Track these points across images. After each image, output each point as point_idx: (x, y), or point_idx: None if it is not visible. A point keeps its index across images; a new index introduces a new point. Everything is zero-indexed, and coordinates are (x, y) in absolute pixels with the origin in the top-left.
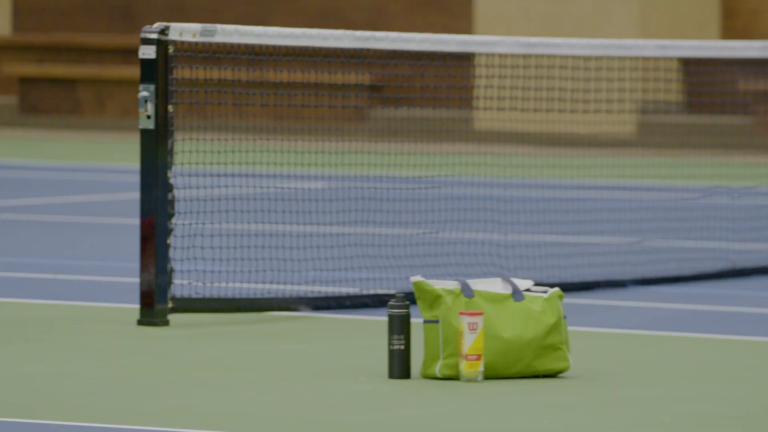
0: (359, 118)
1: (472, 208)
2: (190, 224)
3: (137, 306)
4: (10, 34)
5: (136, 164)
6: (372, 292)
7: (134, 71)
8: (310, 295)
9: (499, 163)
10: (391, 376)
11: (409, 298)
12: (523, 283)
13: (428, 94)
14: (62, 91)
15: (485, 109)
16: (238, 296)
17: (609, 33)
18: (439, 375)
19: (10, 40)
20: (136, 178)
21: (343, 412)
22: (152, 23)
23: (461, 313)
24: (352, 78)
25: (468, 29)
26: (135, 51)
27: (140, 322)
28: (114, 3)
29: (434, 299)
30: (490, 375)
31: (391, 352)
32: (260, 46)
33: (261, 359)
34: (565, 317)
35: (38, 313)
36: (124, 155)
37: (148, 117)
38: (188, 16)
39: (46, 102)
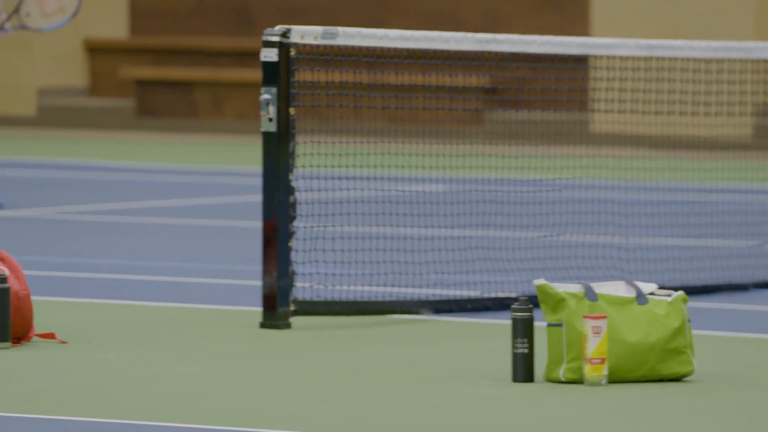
0: (476, 121)
1: (593, 211)
2: (312, 227)
3: (259, 309)
4: (127, 38)
5: (252, 167)
6: (493, 295)
7: (251, 74)
8: (431, 298)
9: (618, 166)
10: (515, 379)
11: (532, 302)
12: (646, 287)
13: (545, 96)
14: (179, 94)
15: (605, 111)
16: (359, 299)
17: (724, 33)
18: (562, 379)
19: (128, 43)
20: (253, 181)
21: (466, 417)
22: (268, 26)
23: (585, 317)
24: (473, 81)
25: (584, 31)
26: (252, 54)
27: (263, 325)
28: (231, 6)
29: (557, 302)
30: (614, 379)
31: (514, 356)
32: (380, 49)
33: (382, 362)
34: (689, 321)
35: (160, 315)
36: (240, 158)
37: (270, 120)
38: (304, 19)
39: (163, 105)
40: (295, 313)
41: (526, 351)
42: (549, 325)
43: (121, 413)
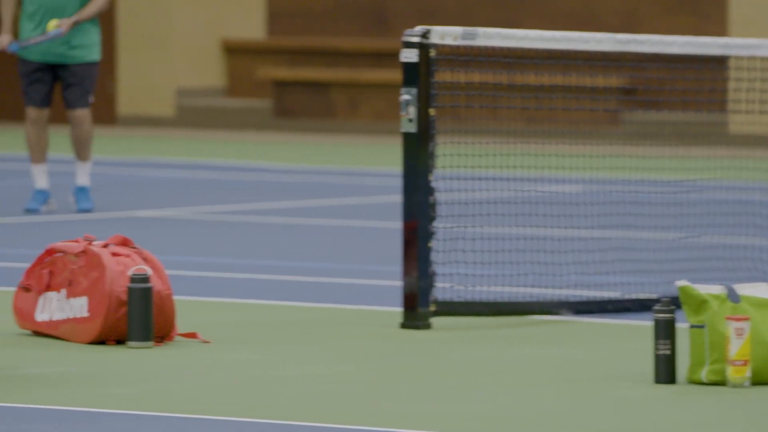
0: (612, 122)
1: (733, 213)
2: (452, 227)
3: (400, 309)
4: (264, 38)
5: (389, 168)
6: (634, 296)
7: (387, 75)
8: (571, 299)
9: (758, 167)
10: (657, 381)
11: (674, 303)
12: None
13: (684, 97)
14: (315, 95)
15: (745, 112)
16: (499, 300)
17: None
18: (705, 380)
19: (265, 44)
20: (391, 182)
21: (608, 418)
22: (403, 26)
23: (727, 319)
24: (612, 81)
25: (721, 31)
26: (388, 54)
27: (403, 326)
28: (367, 6)
29: (700, 304)
30: (757, 381)
31: (656, 357)
32: (519, 49)
33: (522, 363)
34: None
35: (301, 315)
36: (377, 159)
37: (410, 120)
38: (438, 19)
39: (300, 106)
40: (436, 313)
41: (668, 352)
42: (691, 326)
43: (261, 413)
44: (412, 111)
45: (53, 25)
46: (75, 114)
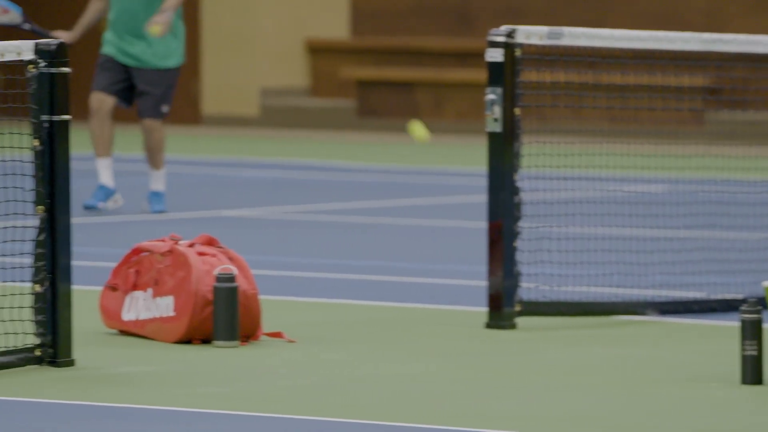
0: (697, 121)
1: None
2: (537, 227)
3: (485, 309)
4: (348, 38)
5: (474, 167)
6: (720, 296)
7: (472, 75)
8: (656, 299)
9: None
10: (744, 381)
11: (761, 303)
12: None
13: (767, 96)
14: (400, 95)
15: None
16: (584, 300)
17: None
18: None
19: (349, 44)
20: (475, 181)
21: (694, 419)
22: (487, 26)
23: None
24: (697, 81)
25: None
26: (472, 54)
27: (488, 326)
28: (451, 6)
29: None
30: None
31: (743, 358)
32: (604, 49)
33: (607, 364)
34: None
35: (385, 315)
36: (461, 158)
37: (495, 120)
38: (522, 19)
39: (384, 105)
40: (521, 313)
41: (755, 353)
42: None
43: (345, 413)
44: (497, 110)
45: (154, 32)
46: (144, 123)
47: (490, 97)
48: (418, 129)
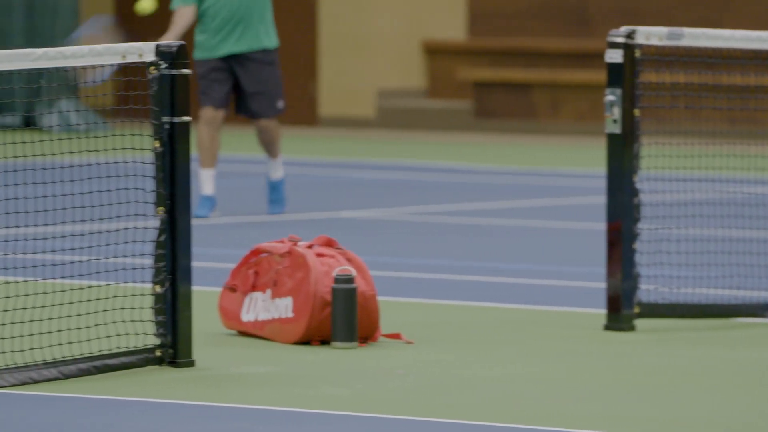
0: None
1: None
2: (656, 229)
3: (601, 311)
4: (465, 39)
5: (591, 169)
6: None
7: (589, 76)
8: None
9: None
10: None
11: None
12: None
13: None
14: (516, 96)
15: None
16: (704, 302)
17: None
18: None
19: (466, 45)
20: (591, 183)
21: None
22: (605, 27)
23: None
24: None
25: None
26: (590, 55)
27: (606, 327)
28: (568, 7)
29: None
30: None
31: None
32: (724, 49)
33: (727, 366)
34: None
35: (502, 316)
36: (578, 160)
37: (615, 121)
38: (639, 19)
39: (501, 106)
40: (639, 315)
41: None
42: None
43: (463, 414)
44: (616, 112)
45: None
46: (260, 124)
47: (610, 98)
48: (144, 2)
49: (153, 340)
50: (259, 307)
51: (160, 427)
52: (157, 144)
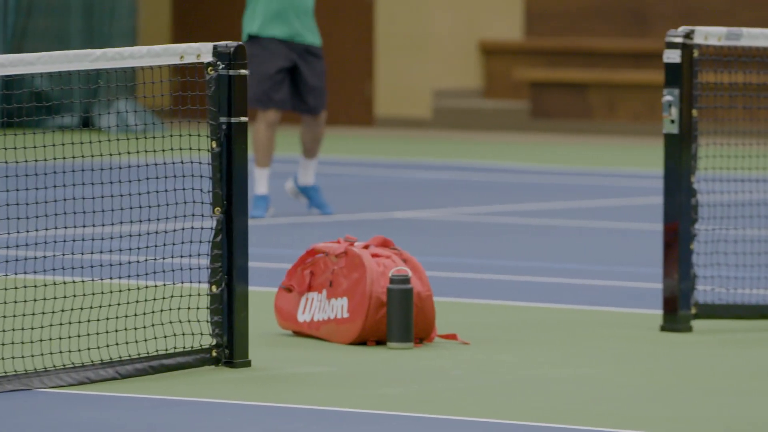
0: None
1: None
2: (713, 230)
3: (657, 311)
4: (522, 39)
5: (648, 169)
6: None
7: (646, 76)
8: None
9: None
10: None
11: None
12: None
13: None
14: (573, 96)
15: None
16: (762, 302)
17: None
18: None
19: (522, 45)
20: (648, 183)
21: None
22: (662, 27)
23: None
24: None
25: None
26: (647, 55)
27: (663, 328)
28: (626, 7)
29: None
30: None
31: None
32: None
33: None
34: None
35: (559, 317)
36: (635, 160)
37: (672, 122)
38: (698, 19)
39: (557, 106)
40: (696, 316)
41: None
42: None
43: (518, 415)
44: (674, 112)
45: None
46: (320, 118)
47: (668, 98)
48: None
49: (209, 341)
50: (314, 308)
51: (216, 427)
52: (214, 144)
